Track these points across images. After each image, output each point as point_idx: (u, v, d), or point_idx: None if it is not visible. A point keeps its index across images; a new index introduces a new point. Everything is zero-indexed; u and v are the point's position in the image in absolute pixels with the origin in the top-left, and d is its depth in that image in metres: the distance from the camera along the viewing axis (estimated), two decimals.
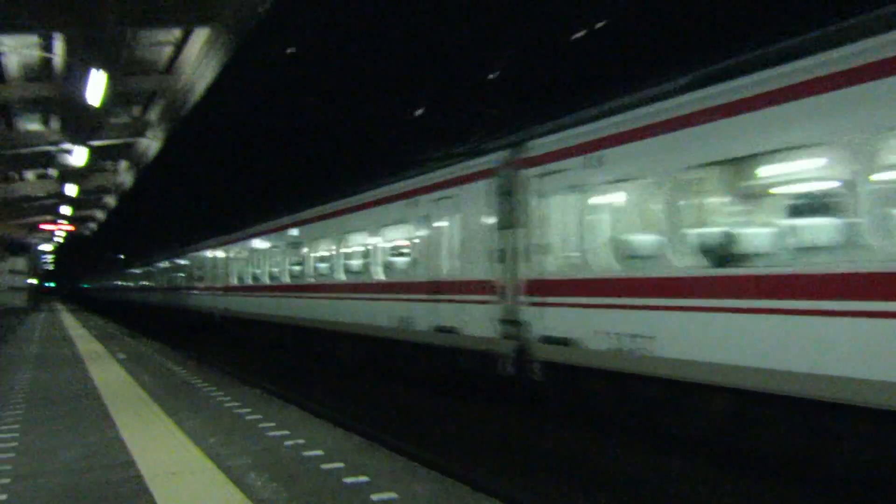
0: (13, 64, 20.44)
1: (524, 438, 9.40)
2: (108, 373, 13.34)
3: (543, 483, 7.38)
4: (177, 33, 19.32)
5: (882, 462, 6.19)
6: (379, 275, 14.22)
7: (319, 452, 6.77)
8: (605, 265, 8.76)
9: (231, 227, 27.15)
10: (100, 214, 58.07)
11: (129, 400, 10.11)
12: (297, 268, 19.30)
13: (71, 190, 36.19)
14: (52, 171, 35.58)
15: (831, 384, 6.02)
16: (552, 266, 9.54)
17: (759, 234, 7.54)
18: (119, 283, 64.17)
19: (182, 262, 35.67)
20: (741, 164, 7.45)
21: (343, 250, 16.17)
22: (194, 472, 6.12)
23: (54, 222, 50.01)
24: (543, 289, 9.55)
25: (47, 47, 19.11)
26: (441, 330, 11.66)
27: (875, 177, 6.04)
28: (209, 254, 29.60)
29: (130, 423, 8.35)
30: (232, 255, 26.11)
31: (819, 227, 6.85)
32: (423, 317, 12.21)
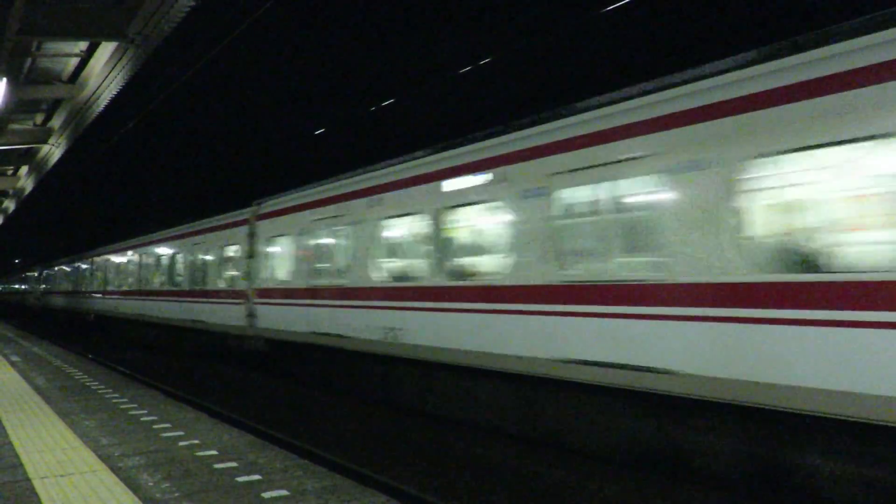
0: None
1: (409, 433, 9.32)
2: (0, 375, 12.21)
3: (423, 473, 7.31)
4: (83, 45, 18.09)
5: None
6: (183, 285, 18.77)
7: (213, 452, 6.40)
8: (287, 280, 13.08)
9: (105, 239, 30.45)
10: None
11: (21, 402, 9.27)
12: (135, 278, 23.31)
13: None
14: None
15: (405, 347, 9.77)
16: (268, 280, 13.94)
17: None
18: (15, 286, 59.94)
19: (67, 268, 36.63)
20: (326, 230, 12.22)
21: (163, 266, 20.46)
22: (84, 474, 5.63)
23: None
24: (263, 294, 14.00)
25: None
26: (218, 322, 16.15)
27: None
28: (88, 262, 31.44)
29: (21, 425, 7.63)
30: (101, 264, 28.79)
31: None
32: (213, 314, 16.52)
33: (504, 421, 8.71)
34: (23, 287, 55.97)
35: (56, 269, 40.62)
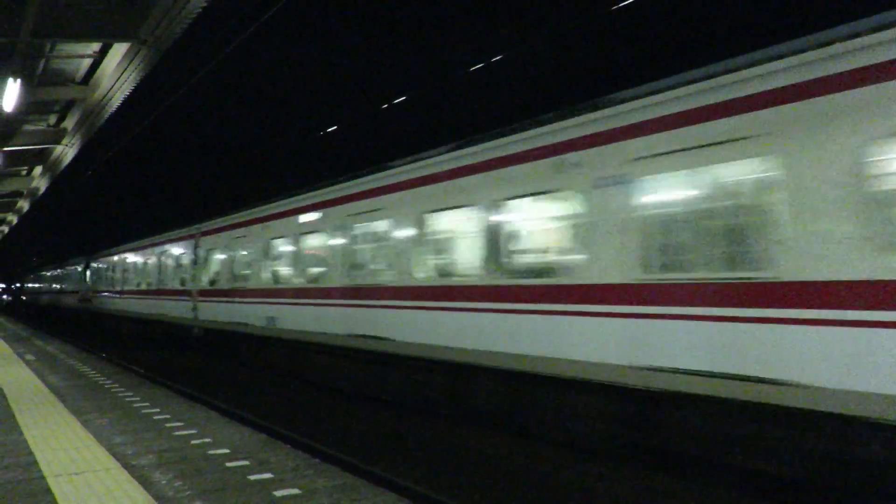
0: None
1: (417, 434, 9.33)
2: (14, 374, 12.33)
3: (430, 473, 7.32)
4: (95, 46, 18.23)
5: None
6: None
7: (225, 450, 6.45)
8: (225, 283, 17.05)
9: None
10: (12, 218, 54.00)
11: (35, 401, 9.36)
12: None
13: None
14: None
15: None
16: (206, 283, 18.20)
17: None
18: (45, 285, 59.84)
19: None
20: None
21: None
22: (97, 472, 5.69)
23: None
24: (203, 294, 18.42)
25: None
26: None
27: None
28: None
29: (35, 424, 7.71)
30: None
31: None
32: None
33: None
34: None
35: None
